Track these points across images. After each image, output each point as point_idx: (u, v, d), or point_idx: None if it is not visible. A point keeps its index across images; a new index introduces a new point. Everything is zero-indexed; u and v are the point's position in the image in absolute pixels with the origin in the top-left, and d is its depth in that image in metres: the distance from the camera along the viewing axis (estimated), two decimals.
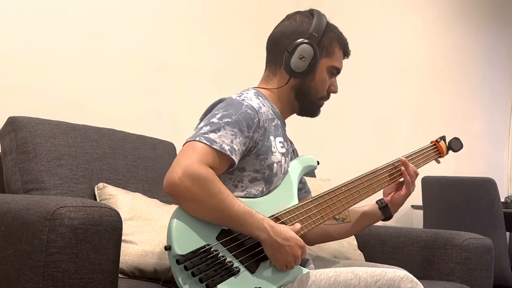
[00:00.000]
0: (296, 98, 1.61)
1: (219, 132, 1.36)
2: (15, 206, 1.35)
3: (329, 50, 1.59)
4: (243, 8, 2.82)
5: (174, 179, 1.28)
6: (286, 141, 1.62)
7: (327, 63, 1.59)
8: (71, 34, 2.26)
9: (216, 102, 1.51)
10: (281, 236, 1.36)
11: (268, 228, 1.35)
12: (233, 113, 1.41)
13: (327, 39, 1.58)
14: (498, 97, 4.33)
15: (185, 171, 1.28)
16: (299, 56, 1.53)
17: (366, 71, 3.31)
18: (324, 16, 1.60)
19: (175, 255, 1.26)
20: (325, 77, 1.60)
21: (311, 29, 1.55)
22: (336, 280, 1.34)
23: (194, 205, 1.31)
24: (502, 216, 2.85)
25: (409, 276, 1.33)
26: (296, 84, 1.59)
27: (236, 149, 1.38)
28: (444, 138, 1.84)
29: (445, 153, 1.83)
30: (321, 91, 1.61)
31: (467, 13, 4.09)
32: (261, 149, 1.46)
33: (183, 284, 1.25)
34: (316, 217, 1.52)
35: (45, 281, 1.17)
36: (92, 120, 2.02)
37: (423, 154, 1.78)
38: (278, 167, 1.50)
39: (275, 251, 1.36)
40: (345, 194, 1.59)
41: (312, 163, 1.64)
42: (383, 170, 1.67)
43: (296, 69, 1.54)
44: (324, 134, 3.02)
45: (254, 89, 1.59)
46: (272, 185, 1.50)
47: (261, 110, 1.48)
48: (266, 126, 1.49)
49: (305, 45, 1.53)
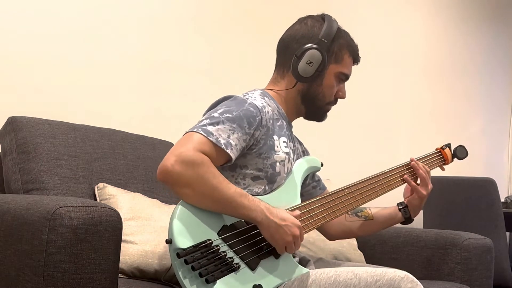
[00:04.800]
0: (302, 102, 1.61)
1: (217, 125, 1.38)
2: (15, 206, 1.35)
3: (338, 56, 1.59)
4: (244, 8, 2.82)
5: (167, 166, 1.30)
6: (292, 142, 1.62)
7: (335, 69, 1.60)
8: (71, 34, 2.26)
9: (221, 98, 1.52)
10: (278, 217, 1.37)
11: (265, 209, 1.36)
12: (234, 109, 1.43)
13: (336, 45, 1.59)
14: (498, 97, 4.33)
15: (178, 157, 1.30)
16: (307, 61, 1.53)
17: (366, 71, 3.30)
18: (335, 21, 1.61)
19: (176, 249, 1.27)
20: (333, 83, 1.60)
21: (321, 34, 1.55)
22: (336, 279, 1.34)
23: (189, 190, 1.31)
24: (502, 216, 2.86)
25: (409, 276, 1.33)
26: (303, 89, 1.59)
27: (233, 144, 1.38)
28: (449, 146, 1.85)
29: (450, 160, 1.84)
30: (328, 97, 1.61)
31: (467, 13, 4.09)
32: (262, 148, 1.47)
33: (183, 278, 1.26)
34: (318, 217, 1.52)
35: (45, 281, 1.17)
36: (92, 120, 2.02)
37: (428, 161, 1.77)
38: (281, 166, 1.51)
39: (273, 232, 1.36)
40: (348, 197, 1.59)
41: (316, 164, 1.65)
42: (387, 174, 1.67)
43: (304, 73, 1.54)
44: (324, 134, 3.02)
45: (261, 90, 1.60)
46: (275, 184, 1.51)
47: (265, 109, 1.49)
48: (270, 125, 1.49)
49: (313, 51, 1.53)
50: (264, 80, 1.70)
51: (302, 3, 2.87)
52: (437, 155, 1.82)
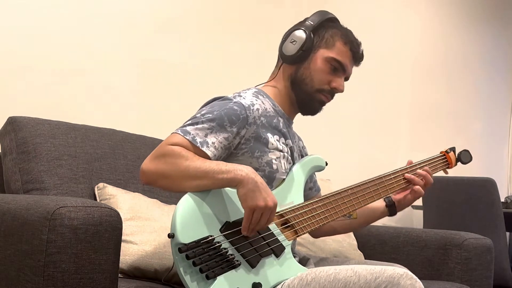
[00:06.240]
0: (292, 89, 1.60)
1: (196, 125, 1.41)
2: (15, 206, 1.35)
3: (328, 42, 1.59)
4: (244, 8, 2.82)
5: (142, 168, 1.36)
6: (291, 138, 1.61)
7: (325, 53, 1.58)
8: (71, 34, 2.26)
9: (210, 100, 1.54)
10: (260, 181, 1.34)
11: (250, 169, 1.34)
12: (216, 109, 1.45)
13: (328, 32, 1.59)
14: (498, 97, 4.33)
15: (151, 156, 1.37)
16: (291, 40, 1.57)
17: (366, 71, 3.30)
18: (331, 14, 1.63)
19: (177, 244, 1.27)
20: (322, 68, 1.58)
21: (309, 18, 1.59)
22: (335, 277, 1.34)
23: (167, 180, 1.35)
24: (502, 216, 2.86)
25: (408, 273, 1.33)
26: (292, 73, 1.59)
27: (209, 143, 1.39)
28: (454, 150, 1.85)
29: (453, 164, 1.83)
30: (318, 82, 1.58)
31: (468, 12, 4.09)
32: (254, 147, 1.48)
33: (184, 273, 1.26)
34: (320, 217, 1.52)
35: (45, 281, 1.17)
36: (92, 120, 2.02)
37: (432, 164, 1.77)
38: (277, 163, 1.51)
39: (249, 190, 1.32)
40: (350, 197, 1.59)
41: (320, 163, 1.63)
42: (390, 177, 1.67)
43: (287, 52, 1.57)
44: (324, 134, 3.02)
45: (255, 89, 1.60)
46: (275, 181, 1.51)
47: (253, 107, 1.49)
48: (260, 123, 1.50)
49: (297, 30, 1.57)
50: (264, 80, 1.70)
51: (302, 3, 2.88)
52: (441, 158, 1.81)
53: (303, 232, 1.48)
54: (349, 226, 1.77)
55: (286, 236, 1.44)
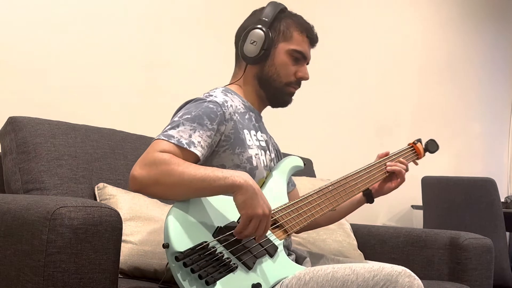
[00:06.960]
0: (261, 87, 1.62)
1: (178, 128, 1.40)
2: (15, 206, 1.35)
3: (286, 34, 1.61)
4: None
5: (132, 174, 1.31)
6: (265, 133, 1.65)
7: (285, 47, 1.60)
8: (71, 34, 2.26)
9: (183, 104, 1.55)
10: (257, 188, 1.33)
11: (246, 175, 1.33)
12: (193, 110, 1.45)
13: (283, 24, 1.61)
14: (498, 97, 4.33)
15: (141, 163, 1.32)
16: (251, 41, 1.58)
17: (365, 70, 3.31)
18: (280, 4, 1.64)
19: (173, 252, 1.26)
20: (286, 61, 1.60)
21: (262, 15, 1.60)
22: (334, 276, 1.34)
23: (159, 187, 1.31)
24: (502, 216, 2.86)
25: (407, 271, 1.33)
26: (257, 72, 1.61)
27: (195, 142, 1.39)
28: (420, 140, 1.90)
29: (422, 154, 1.89)
30: (285, 76, 1.61)
31: (468, 12, 4.09)
32: (234, 143, 1.49)
33: (183, 280, 1.25)
34: (307, 215, 1.55)
35: (45, 281, 1.17)
36: (92, 120, 2.02)
37: (401, 156, 1.83)
38: (256, 159, 1.53)
39: (248, 197, 1.30)
40: (332, 193, 1.62)
41: (299, 163, 1.68)
42: (367, 170, 1.73)
43: (250, 54, 1.58)
44: (324, 134, 3.02)
45: (223, 87, 1.62)
46: (255, 178, 1.52)
47: (227, 103, 1.50)
48: (236, 119, 1.51)
49: (254, 30, 1.58)
50: None
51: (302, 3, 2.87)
52: (410, 150, 1.88)
53: (293, 231, 1.50)
54: (330, 218, 1.82)
55: (277, 235, 1.46)
